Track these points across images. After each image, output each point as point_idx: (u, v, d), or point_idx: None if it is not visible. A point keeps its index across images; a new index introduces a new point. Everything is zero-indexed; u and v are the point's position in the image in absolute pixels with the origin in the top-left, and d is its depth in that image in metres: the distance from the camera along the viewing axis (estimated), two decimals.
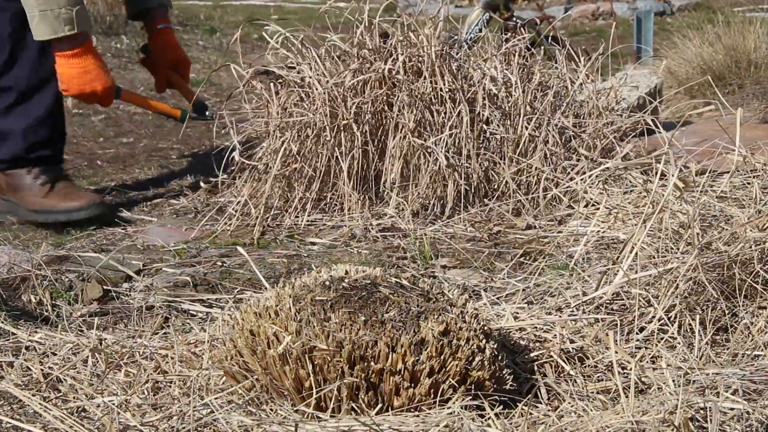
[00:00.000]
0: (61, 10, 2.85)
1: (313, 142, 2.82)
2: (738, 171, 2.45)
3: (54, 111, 3.09)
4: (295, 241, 2.66)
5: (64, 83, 2.96)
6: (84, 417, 1.63)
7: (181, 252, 2.57)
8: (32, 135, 3.05)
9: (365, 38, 2.86)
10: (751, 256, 1.93)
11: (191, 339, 1.93)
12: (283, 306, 1.64)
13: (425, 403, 1.56)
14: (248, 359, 1.63)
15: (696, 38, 4.90)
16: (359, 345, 1.56)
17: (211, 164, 3.18)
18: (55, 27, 2.87)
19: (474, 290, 2.23)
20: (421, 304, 1.65)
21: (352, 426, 1.51)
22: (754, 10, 6.50)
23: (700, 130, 3.47)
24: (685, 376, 1.67)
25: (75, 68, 2.93)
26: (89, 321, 2.11)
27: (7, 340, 1.90)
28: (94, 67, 2.95)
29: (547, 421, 1.57)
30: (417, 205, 2.77)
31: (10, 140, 3.04)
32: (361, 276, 1.71)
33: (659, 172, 2.17)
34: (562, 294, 2.05)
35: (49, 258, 2.38)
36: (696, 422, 1.49)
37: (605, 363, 1.79)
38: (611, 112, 2.98)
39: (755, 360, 1.78)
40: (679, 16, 8.56)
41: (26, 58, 3.01)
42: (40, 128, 3.06)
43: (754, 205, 2.12)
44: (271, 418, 1.57)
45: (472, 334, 1.62)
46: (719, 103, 2.74)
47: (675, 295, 1.89)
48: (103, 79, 2.96)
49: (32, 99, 3.04)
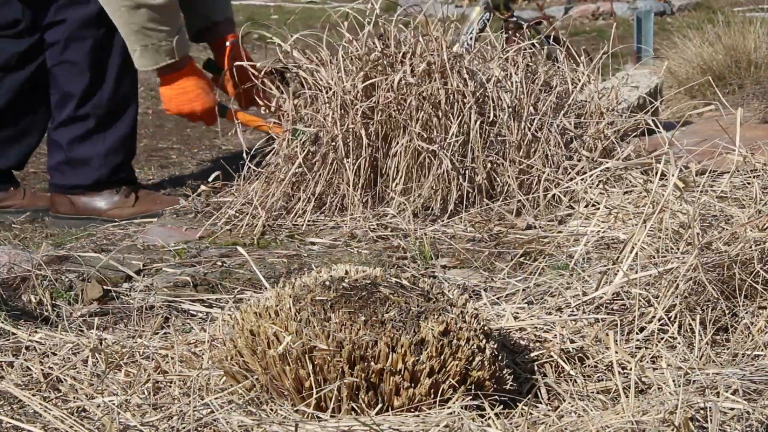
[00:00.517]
0: (161, 44, 2.95)
1: (328, 147, 2.81)
2: (738, 171, 2.45)
3: (131, 134, 3.17)
4: (295, 241, 2.66)
5: (165, 103, 3.09)
6: (84, 417, 1.63)
7: (181, 252, 2.57)
8: (113, 159, 3.12)
9: (375, 42, 2.85)
10: (751, 256, 1.93)
11: (191, 339, 1.93)
12: (283, 306, 1.64)
13: (425, 403, 1.56)
14: (248, 359, 1.63)
15: (696, 38, 4.90)
16: (359, 345, 1.56)
17: (212, 164, 3.19)
18: (156, 59, 2.98)
19: (474, 290, 2.23)
20: (421, 304, 1.65)
21: (352, 426, 1.51)
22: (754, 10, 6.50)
23: (700, 130, 3.47)
24: (685, 376, 1.67)
25: (175, 89, 3.06)
26: (89, 321, 2.11)
27: (7, 340, 1.90)
28: (194, 88, 3.06)
29: (547, 421, 1.57)
30: (418, 206, 2.77)
31: (91, 166, 3.11)
32: (361, 276, 1.71)
33: (659, 172, 2.17)
34: (562, 294, 2.05)
35: (49, 258, 2.38)
36: (696, 422, 1.49)
37: (605, 363, 1.79)
38: (611, 112, 2.98)
39: (755, 360, 1.78)
40: (679, 16, 8.56)
41: (105, 86, 3.08)
42: (118, 152, 3.13)
43: (754, 205, 2.12)
44: (271, 418, 1.57)
45: (472, 334, 1.62)
46: (719, 103, 2.74)
47: (675, 295, 1.89)
48: (202, 99, 3.07)
49: (110, 125, 3.11)
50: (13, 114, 3.14)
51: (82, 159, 3.09)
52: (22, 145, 3.19)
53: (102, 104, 3.07)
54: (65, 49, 3.03)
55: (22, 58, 3.11)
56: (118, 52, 3.04)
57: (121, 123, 3.10)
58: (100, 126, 3.08)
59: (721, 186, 2.39)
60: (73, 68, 3.04)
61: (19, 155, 3.21)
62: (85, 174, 3.09)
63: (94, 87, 3.06)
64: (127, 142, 3.15)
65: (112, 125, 3.09)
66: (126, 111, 3.11)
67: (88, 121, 3.07)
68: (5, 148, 3.16)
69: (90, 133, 3.07)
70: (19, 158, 3.23)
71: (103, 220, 3.04)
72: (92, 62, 3.04)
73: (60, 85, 3.06)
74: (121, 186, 3.11)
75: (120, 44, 3.03)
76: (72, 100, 3.05)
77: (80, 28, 3.02)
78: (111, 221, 3.02)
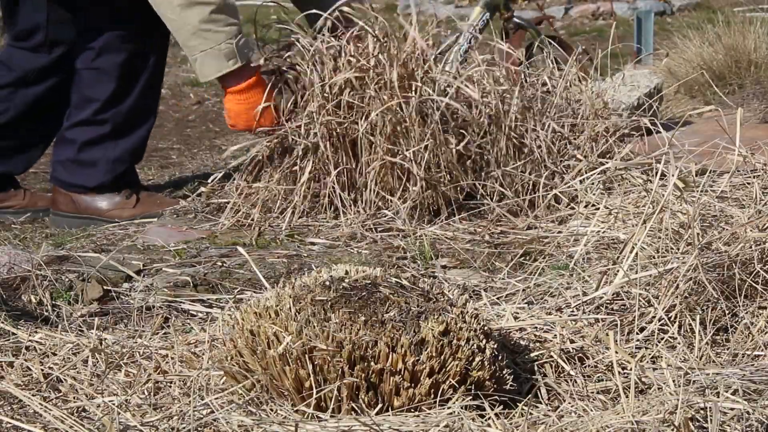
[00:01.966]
0: (220, 46, 2.79)
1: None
2: (738, 171, 2.45)
3: (142, 146, 3.16)
4: (295, 241, 2.66)
5: (231, 119, 2.93)
6: (84, 417, 1.63)
7: (181, 252, 2.57)
8: (119, 166, 3.10)
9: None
10: (751, 256, 1.93)
11: (191, 339, 1.93)
12: (283, 306, 1.64)
13: (425, 403, 1.56)
14: (248, 359, 1.63)
15: (696, 38, 4.90)
16: (359, 345, 1.56)
17: (212, 164, 3.19)
18: (219, 64, 2.82)
19: (474, 290, 2.23)
20: (421, 304, 1.65)
21: (353, 426, 1.51)
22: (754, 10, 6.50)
23: (700, 130, 3.46)
24: (685, 376, 1.67)
25: (242, 104, 2.88)
26: (89, 321, 2.11)
27: (7, 340, 1.90)
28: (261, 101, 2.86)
29: (547, 421, 1.57)
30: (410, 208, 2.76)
31: (98, 169, 3.09)
32: (361, 276, 1.71)
33: (659, 172, 2.17)
34: (562, 294, 2.05)
35: (49, 258, 2.38)
36: (696, 422, 1.49)
37: (605, 363, 1.79)
38: (611, 112, 2.98)
39: (755, 360, 1.78)
40: (679, 16, 8.56)
41: (129, 98, 3.06)
42: (127, 159, 3.12)
43: (754, 205, 2.12)
44: (271, 418, 1.57)
45: (473, 334, 1.62)
46: (719, 103, 2.74)
47: (675, 295, 1.89)
48: (271, 115, 2.88)
49: (125, 135, 3.09)
50: (21, 126, 3.13)
51: (90, 161, 3.08)
52: (26, 154, 3.19)
53: (122, 113, 3.05)
54: (98, 56, 3.01)
55: (39, 75, 3.09)
56: (150, 67, 3.04)
57: (136, 134, 3.10)
58: (115, 133, 3.06)
59: (721, 186, 2.39)
60: (102, 75, 3.02)
61: (22, 163, 3.21)
62: (90, 176, 3.08)
63: (119, 96, 3.04)
64: (137, 152, 3.15)
65: (127, 135, 3.08)
66: (143, 124, 3.10)
67: (104, 127, 3.06)
68: (8, 156, 3.16)
69: (103, 138, 3.06)
70: (21, 165, 3.22)
71: (104, 220, 3.04)
72: (122, 73, 3.02)
73: (83, 88, 3.05)
74: (123, 188, 3.11)
75: (153, 61, 3.03)
76: (94, 104, 3.04)
77: (117, 39, 3.00)
78: (111, 221, 3.02)
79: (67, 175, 3.10)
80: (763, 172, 2.42)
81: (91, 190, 3.09)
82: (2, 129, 3.10)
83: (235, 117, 2.90)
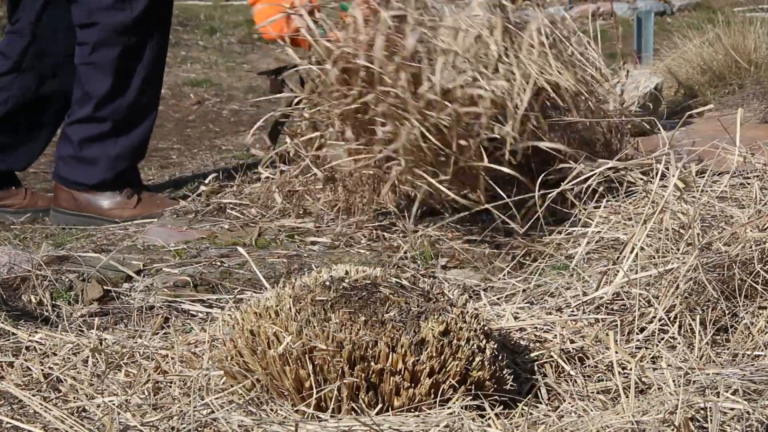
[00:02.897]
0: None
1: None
2: (738, 171, 2.45)
3: (144, 143, 3.16)
4: (295, 241, 2.66)
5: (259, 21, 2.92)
6: (84, 417, 1.63)
7: (181, 252, 2.57)
8: (120, 163, 3.10)
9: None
10: (751, 256, 1.93)
11: (191, 339, 1.93)
12: (283, 306, 1.64)
13: (425, 403, 1.56)
14: (248, 359, 1.63)
15: (696, 38, 4.90)
16: (359, 345, 1.56)
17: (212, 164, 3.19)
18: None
19: (474, 290, 2.23)
20: (421, 304, 1.65)
21: (353, 426, 1.51)
22: (754, 10, 6.50)
23: (700, 130, 3.47)
24: (686, 376, 1.67)
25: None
26: (89, 321, 2.11)
27: (8, 340, 1.90)
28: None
29: (547, 421, 1.57)
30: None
31: (98, 167, 3.09)
32: (361, 276, 1.71)
33: (659, 173, 2.17)
34: (563, 294, 2.05)
35: (49, 258, 2.39)
36: (696, 422, 1.49)
37: (605, 363, 1.79)
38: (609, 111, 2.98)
39: (755, 360, 1.79)
40: (679, 16, 8.56)
41: (128, 93, 3.05)
42: (127, 158, 3.11)
43: (754, 205, 2.12)
44: (271, 418, 1.57)
45: (473, 334, 1.62)
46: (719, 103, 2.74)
47: (675, 296, 1.89)
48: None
49: (125, 132, 3.09)
50: (21, 117, 3.14)
51: (91, 158, 3.08)
52: (26, 148, 3.19)
53: (121, 110, 3.05)
54: (94, 51, 3.01)
55: (34, 59, 3.10)
56: (147, 61, 3.04)
57: (137, 131, 3.09)
58: (116, 130, 3.06)
59: (721, 186, 2.39)
60: (99, 70, 3.02)
61: (23, 158, 3.21)
62: (91, 173, 3.08)
63: (117, 92, 3.04)
64: (138, 149, 3.14)
65: (128, 132, 3.08)
66: (143, 121, 3.10)
67: (104, 124, 3.06)
68: (9, 152, 3.16)
69: (104, 136, 3.06)
70: (22, 161, 3.22)
71: (104, 219, 3.04)
72: (119, 68, 3.02)
73: (83, 84, 3.05)
74: (124, 187, 3.11)
75: (150, 54, 3.03)
76: (92, 100, 3.04)
77: (113, 33, 3.00)
78: (112, 221, 3.02)
79: (68, 172, 3.10)
80: (763, 172, 2.42)
81: (93, 188, 3.09)
82: (2, 121, 3.10)
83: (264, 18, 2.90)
